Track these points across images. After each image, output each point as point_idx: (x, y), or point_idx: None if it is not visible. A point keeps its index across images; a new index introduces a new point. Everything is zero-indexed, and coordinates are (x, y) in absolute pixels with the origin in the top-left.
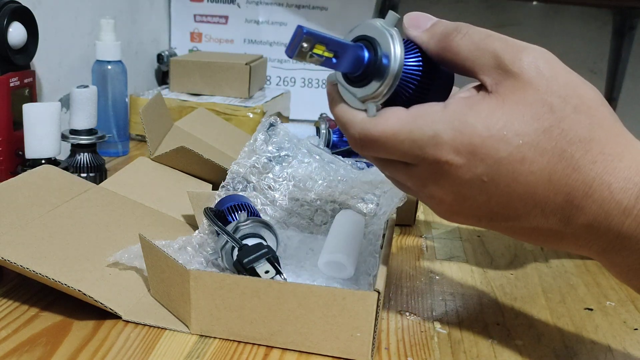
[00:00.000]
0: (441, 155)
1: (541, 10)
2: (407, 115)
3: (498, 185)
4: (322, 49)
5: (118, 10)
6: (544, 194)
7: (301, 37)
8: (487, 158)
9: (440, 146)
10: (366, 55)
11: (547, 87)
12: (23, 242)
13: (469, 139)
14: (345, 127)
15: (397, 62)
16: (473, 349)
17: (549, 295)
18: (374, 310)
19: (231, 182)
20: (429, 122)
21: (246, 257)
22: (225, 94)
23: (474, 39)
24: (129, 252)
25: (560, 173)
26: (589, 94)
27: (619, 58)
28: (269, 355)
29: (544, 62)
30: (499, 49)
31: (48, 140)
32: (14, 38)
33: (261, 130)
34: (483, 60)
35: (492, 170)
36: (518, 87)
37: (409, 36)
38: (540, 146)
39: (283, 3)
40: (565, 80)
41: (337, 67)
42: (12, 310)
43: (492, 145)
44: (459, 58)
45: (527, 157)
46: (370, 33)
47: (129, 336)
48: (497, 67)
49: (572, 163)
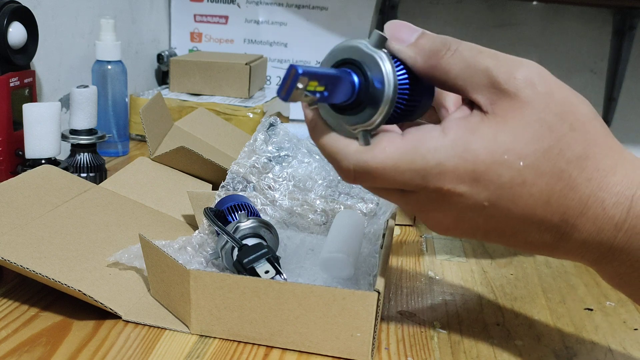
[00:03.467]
0: (444, 184)
1: (541, 10)
2: (405, 144)
3: (498, 208)
4: (314, 85)
5: (118, 10)
6: (542, 214)
7: (296, 78)
8: (490, 184)
9: (443, 175)
10: (356, 81)
11: (544, 105)
12: (23, 242)
13: (472, 166)
14: (335, 158)
15: (391, 87)
16: (473, 349)
17: (549, 296)
18: (374, 310)
19: (231, 182)
20: (431, 151)
21: (246, 257)
22: (225, 94)
23: (465, 56)
24: (129, 252)
25: (558, 194)
26: (582, 109)
27: (619, 58)
28: (269, 355)
29: (539, 79)
30: (491, 66)
31: (48, 140)
32: (14, 38)
33: (261, 130)
34: (475, 79)
35: (494, 195)
36: (516, 107)
37: (392, 50)
38: (540, 168)
39: (283, 3)
40: (560, 97)
41: (329, 99)
42: (12, 310)
43: (495, 171)
44: (450, 77)
45: (528, 180)
46: (355, 56)
47: (129, 336)
48: (490, 86)
49: (569, 183)
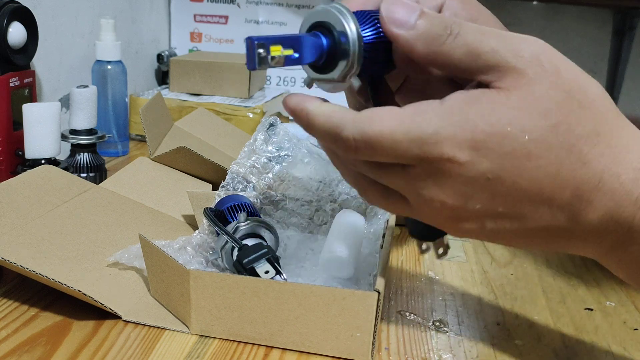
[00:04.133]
0: (442, 152)
1: (541, 10)
2: (402, 113)
3: (503, 182)
4: (278, 49)
5: (118, 10)
6: (551, 189)
7: (254, 45)
8: (491, 153)
9: (440, 143)
10: (323, 39)
11: (552, 82)
12: (23, 242)
13: (470, 134)
14: (335, 132)
15: (354, 33)
16: (473, 349)
17: (549, 295)
18: (374, 310)
19: (231, 182)
20: (426, 119)
21: (246, 257)
22: (225, 94)
23: (468, 39)
24: (129, 252)
25: (568, 167)
26: (591, 87)
27: (619, 58)
28: (269, 355)
29: (546, 56)
30: (496, 47)
31: (48, 140)
32: (13, 38)
33: (261, 130)
34: (480, 62)
35: (496, 166)
36: (522, 83)
37: (390, 35)
38: (547, 142)
39: (283, 3)
40: (569, 75)
41: (301, 60)
42: (12, 310)
43: (495, 141)
44: (453, 62)
45: (533, 152)
46: (319, 18)
47: (129, 336)
48: (496, 66)
49: (580, 157)
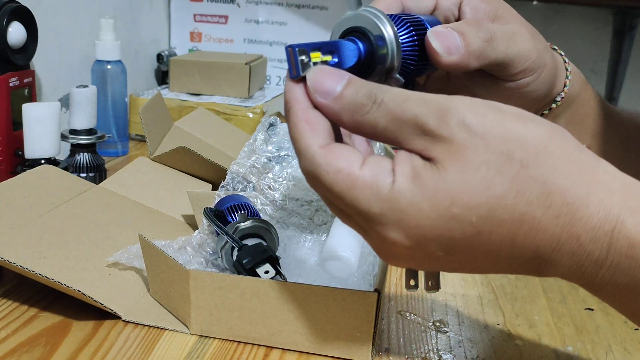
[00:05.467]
0: (387, 235)
1: (541, 10)
2: (357, 177)
3: (455, 257)
4: (318, 55)
5: (118, 10)
6: (509, 255)
7: (295, 53)
8: (441, 239)
9: (385, 227)
10: (360, 44)
11: (484, 146)
12: (23, 242)
13: (415, 222)
14: (297, 151)
15: (392, 37)
16: (473, 349)
17: (549, 295)
18: (374, 310)
19: (231, 182)
20: (374, 198)
21: (246, 257)
22: (225, 93)
23: (390, 107)
24: (129, 252)
25: (523, 237)
26: (531, 136)
27: (619, 58)
28: (269, 355)
29: (472, 117)
30: (419, 114)
31: (47, 140)
32: (13, 38)
33: (261, 130)
34: (405, 130)
35: (447, 247)
36: (453, 152)
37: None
38: (496, 217)
39: (283, 3)
40: (501, 132)
41: (341, 65)
42: (12, 310)
43: (443, 227)
44: (378, 131)
45: (484, 230)
46: (353, 24)
47: (128, 336)
48: (422, 134)
49: (534, 225)
